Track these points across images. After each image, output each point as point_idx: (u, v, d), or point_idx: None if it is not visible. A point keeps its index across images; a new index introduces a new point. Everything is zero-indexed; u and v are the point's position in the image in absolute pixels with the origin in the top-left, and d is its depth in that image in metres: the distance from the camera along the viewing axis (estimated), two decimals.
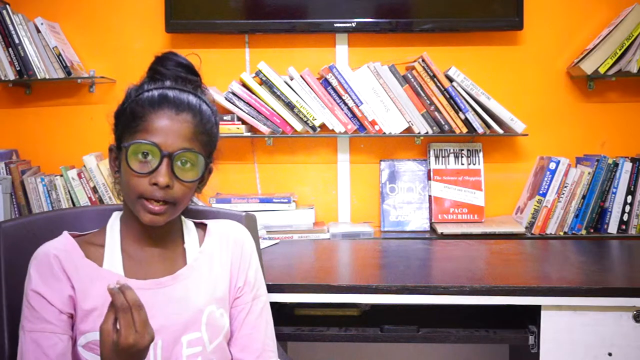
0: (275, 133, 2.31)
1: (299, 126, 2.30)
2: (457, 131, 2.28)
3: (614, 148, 2.40)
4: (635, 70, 2.24)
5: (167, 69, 1.17)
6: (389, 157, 2.45)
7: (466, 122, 2.27)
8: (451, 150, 2.41)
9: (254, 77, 2.33)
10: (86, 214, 1.39)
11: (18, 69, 2.27)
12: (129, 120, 1.13)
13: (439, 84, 2.27)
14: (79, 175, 2.28)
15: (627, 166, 2.25)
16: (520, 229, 2.25)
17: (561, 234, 2.27)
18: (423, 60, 2.29)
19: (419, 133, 2.31)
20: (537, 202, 2.27)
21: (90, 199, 2.28)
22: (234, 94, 2.31)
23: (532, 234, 2.26)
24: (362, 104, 2.30)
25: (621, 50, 2.24)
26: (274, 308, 1.34)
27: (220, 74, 2.40)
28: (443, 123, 2.28)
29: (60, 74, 2.29)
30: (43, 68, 2.26)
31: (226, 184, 2.46)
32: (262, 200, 2.29)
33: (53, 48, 2.27)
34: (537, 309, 1.56)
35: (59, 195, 2.28)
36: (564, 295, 1.53)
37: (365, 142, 2.47)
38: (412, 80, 2.30)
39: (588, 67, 2.26)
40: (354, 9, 2.34)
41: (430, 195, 2.39)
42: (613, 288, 1.54)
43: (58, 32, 2.38)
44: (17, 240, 1.26)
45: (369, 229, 2.30)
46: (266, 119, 2.30)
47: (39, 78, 2.27)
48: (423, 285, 1.57)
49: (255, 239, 1.33)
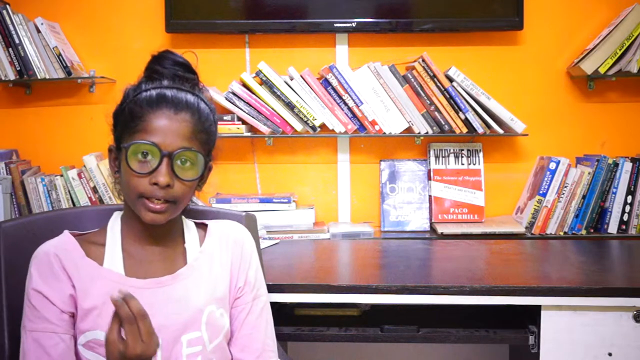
0: (275, 133, 2.31)
1: (299, 126, 2.30)
2: (457, 131, 2.28)
3: (614, 148, 2.40)
4: (635, 70, 2.24)
5: (165, 68, 1.17)
6: (389, 157, 2.45)
7: (466, 122, 2.27)
8: (451, 150, 2.41)
9: (254, 77, 2.33)
10: (86, 214, 1.39)
11: (18, 69, 2.27)
12: (127, 121, 1.13)
13: (439, 84, 2.27)
14: (79, 175, 2.28)
15: (627, 166, 2.25)
16: (520, 229, 2.25)
17: (561, 234, 2.27)
18: (423, 60, 2.29)
19: (419, 133, 2.31)
20: (537, 202, 2.27)
21: (90, 199, 2.28)
22: (234, 94, 2.31)
23: (532, 234, 2.26)
24: (362, 104, 2.30)
25: (621, 50, 2.24)
26: (274, 308, 1.34)
27: (220, 74, 2.40)
28: (443, 123, 2.29)
29: (60, 74, 2.29)
30: (43, 68, 2.26)
31: (226, 184, 2.46)
32: (262, 200, 2.29)
33: (53, 48, 2.27)
34: (537, 309, 1.56)
35: (59, 195, 2.28)
36: (564, 295, 1.53)
37: (365, 142, 2.47)
38: (412, 80, 2.30)
39: (588, 67, 2.26)
40: (354, 9, 2.34)
41: (430, 195, 2.40)
42: (613, 288, 1.54)
43: (58, 32, 2.38)
44: (17, 240, 1.26)
45: (369, 229, 2.30)
46: (266, 119, 2.30)
47: (39, 78, 2.27)
48: (423, 285, 1.57)
49: (255, 239, 1.33)
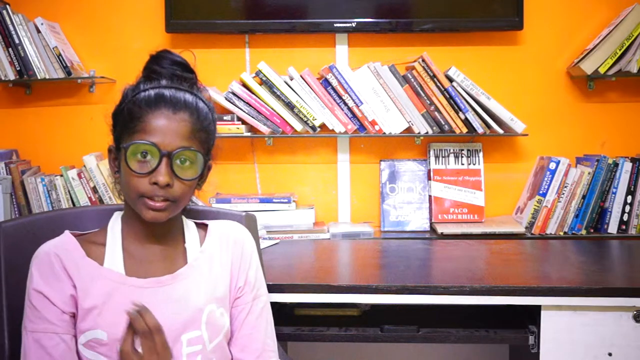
0: (275, 133, 2.31)
1: (299, 126, 2.30)
2: (457, 131, 2.28)
3: (614, 148, 2.40)
4: (635, 70, 2.24)
5: (163, 68, 1.17)
6: (389, 157, 2.45)
7: (466, 122, 2.27)
8: (451, 150, 2.41)
9: (254, 77, 2.33)
10: (86, 214, 1.39)
11: (18, 69, 2.27)
12: (126, 121, 1.13)
13: (439, 84, 2.27)
14: (79, 175, 2.28)
15: (627, 166, 2.25)
16: (520, 229, 2.25)
17: (561, 234, 2.27)
18: (423, 60, 2.29)
19: (419, 133, 2.31)
20: (537, 202, 2.27)
21: (90, 199, 2.28)
22: (234, 94, 2.31)
23: (532, 234, 2.26)
24: (362, 104, 2.30)
25: (621, 50, 2.24)
26: (274, 308, 1.34)
27: (220, 74, 2.40)
28: (443, 123, 2.28)
29: (60, 74, 2.29)
30: (43, 68, 2.26)
31: (226, 184, 2.46)
32: (262, 200, 2.29)
33: (53, 48, 2.27)
34: (537, 309, 1.56)
35: (59, 195, 2.28)
36: (564, 295, 1.53)
37: (365, 142, 2.47)
38: (412, 80, 2.30)
39: (588, 67, 2.26)
40: (354, 9, 2.34)
41: (430, 195, 2.40)
42: (613, 288, 1.54)
43: (58, 32, 2.38)
44: (17, 240, 1.26)
45: (369, 229, 2.30)
46: (266, 119, 2.30)
47: (39, 78, 2.27)
48: (423, 285, 1.57)
49: (255, 239, 1.33)
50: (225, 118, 2.30)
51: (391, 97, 2.31)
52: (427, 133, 2.31)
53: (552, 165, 2.26)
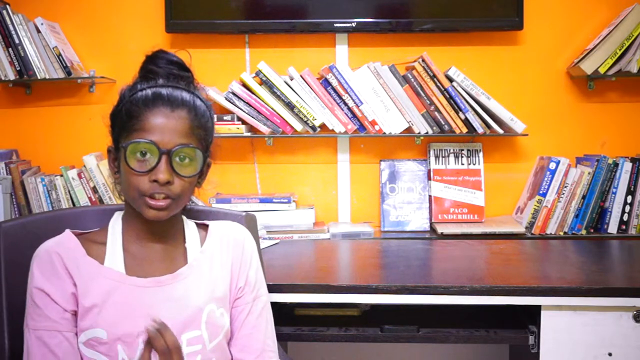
0: (275, 133, 2.31)
1: (299, 126, 2.30)
2: (457, 131, 2.28)
3: (614, 148, 2.40)
4: (635, 70, 2.24)
5: (159, 67, 1.17)
6: (389, 157, 2.45)
7: (466, 122, 2.27)
8: (451, 150, 2.41)
9: (254, 77, 2.33)
10: (86, 214, 1.39)
11: (18, 69, 2.27)
12: (124, 121, 1.13)
13: (439, 84, 2.27)
14: (79, 175, 2.28)
15: (627, 166, 2.25)
16: (520, 229, 2.25)
17: (561, 234, 2.27)
18: (423, 60, 2.29)
19: (419, 133, 2.31)
20: (537, 202, 2.27)
21: (90, 199, 2.28)
22: (234, 94, 2.31)
23: (532, 234, 2.26)
24: (362, 104, 2.30)
25: (621, 50, 2.24)
26: (274, 308, 1.34)
27: (220, 74, 2.40)
28: (443, 123, 2.28)
29: (60, 74, 2.29)
30: (43, 68, 2.26)
31: (226, 184, 2.46)
32: (262, 200, 2.29)
33: (53, 48, 2.27)
34: (537, 309, 1.56)
35: (59, 195, 2.28)
36: (564, 295, 1.53)
37: (365, 142, 2.47)
38: (412, 80, 2.30)
39: (588, 67, 2.26)
40: (354, 9, 2.34)
41: (430, 195, 2.40)
42: (613, 288, 1.54)
43: (58, 32, 2.38)
44: (17, 240, 1.26)
45: (369, 229, 2.30)
46: (266, 119, 2.30)
47: (39, 78, 2.27)
48: (423, 285, 1.57)
49: (255, 239, 1.33)
50: (225, 118, 2.30)
51: (391, 97, 2.31)
52: (427, 133, 2.31)
53: (552, 165, 2.26)
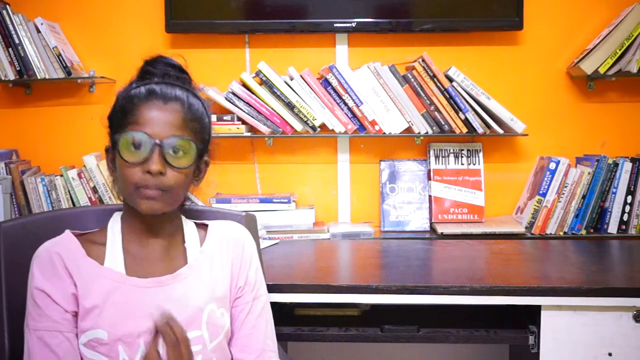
0: (275, 133, 2.31)
1: (299, 126, 2.30)
2: (457, 131, 2.28)
3: (614, 148, 2.40)
4: (635, 70, 2.24)
5: (156, 69, 1.19)
6: (389, 157, 2.45)
7: (466, 122, 2.27)
8: (451, 150, 2.41)
9: (254, 77, 2.33)
10: (86, 214, 1.39)
11: (18, 69, 2.27)
12: (120, 118, 1.15)
13: (439, 84, 2.27)
14: (79, 175, 2.28)
15: (627, 166, 2.25)
16: (520, 229, 2.25)
17: (561, 234, 2.27)
18: (423, 60, 2.29)
19: (419, 133, 2.31)
20: (537, 202, 2.27)
21: (90, 199, 2.28)
22: (234, 94, 2.31)
23: (532, 234, 2.26)
24: (362, 104, 2.30)
25: (621, 50, 2.24)
26: (274, 308, 1.34)
27: (220, 74, 2.40)
28: (443, 123, 2.28)
29: (60, 74, 2.29)
30: (43, 68, 2.26)
31: (226, 184, 2.46)
32: (262, 200, 2.29)
33: (53, 48, 2.27)
34: (537, 309, 1.56)
35: (59, 195, 2.28)
36: (564, 295, 1.53)
37: (365, 142, 2.47)
38: (412, 80, 2.30)
39: (588, 67, 2.26)
40: (354, 9, 2.34)
41: (430, 195, 2.39)
42: (613, 288, 1.54)
43: (58, 32, 2.38)
44: (17, 240, 1.26)
45: (369, 229, 2.30)
46: (266, 119, 2.30)
47: (39, 78, 2.27)
48: (423, 285, 1.57)
49: (255, 239, 1.33)
50: (225, 118, 2.30)
51: (391, 97, 2.31)
52: (427, 133, 2.31)
53: (552, 165, 2.26)
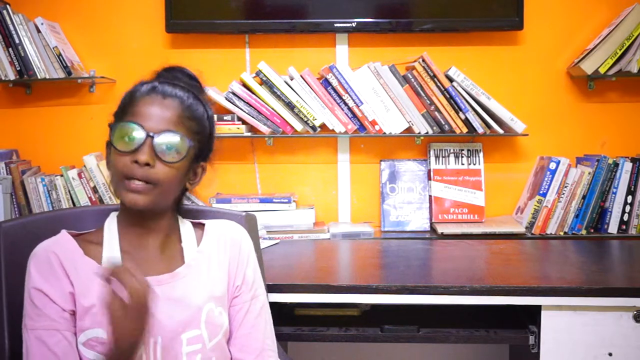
0: (276, 133, 2.31)
1: (299, 126, 2.30)
2: (457, 131, 2.28)
3: (614, 148, 2.40)
4: (635, 70, 2.24)
5: (168, 72, 1.22)
6: (389, 157, 2.45)
7: (466, 122, 2.27)
8: (451, 150, 2.41)
9: (254, 77, 2.33)
10: (86, 214, 1.39)
11: (18, 69, 2.27)
12: (120, 112, 1.17)
13: (439, 84, 2.27)
14: (79, 175, 2.28)
15: (627, 166, 2.25)
16: (520, 229, 2.25)
17: (561, 234, 2.27)
18: (423, 60, 2.29)
19: (419, 133, 2.31)
20: (537, 202, 2.27)
21: (90, 199, 2.28)
22: (234, 94, 2.31)
23: (532, 234, 2.26)
24: (362, 104, 2.30)
25: (621, 50, 2.24)
26: (274, 308, 1.34)
27: (220, 74, 2.40)
28: (443, 123, 2.28)
29: (61, 74, 2.29)
30: (43, 68, 2.26)
31: (226, 184, 2.46)
32: (262, 200, 2.29)
33: (53, 48, 2.27)
34: (537, 309, 1.56)
35: (59, 195, 2.28)
36: (564, 295, 1.53)
37: (365, 142, 2.47)
38: (412, 80, 2.30)
39: (588, 67, 2.26)
40: (354, 9, 2.34)
41: (430, 195, 2.39)
42: (613, 288, 1.54)
43: (58, 32, 2.38)
44: (17, 240, 1.26)
45: (369, 229, 2.30)
46: (266, 119, 2.30)
47: (39, 78, 2.27)
48: (423, 285, 1.57)
49: (255, 239, 1.33)
50: (225, 118, 2.30)
51: (391, 97, 2.31)
52: (427, 133, 2.31)
53: (552, 165, 2.25)
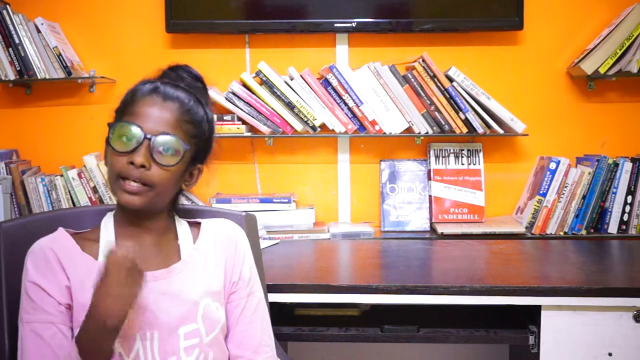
0: (276, 133, 2.31)
1: (299, 126, 2.30)
2: (457, 131, 2.28)
3: (614, 148, 2.40)
4: (635, 70, 2.24)
5: (173, 72, 1.22)
6: (389, 157, 2.45)
7: (466, 122, 2.27)
8: (451, 150, 2.41)
9: (254, 77, 2.33)
10: (86, 214, 1.39)
11: (18, 69, 2.27)
12: (120, 110, 1.17)
13: (439, 84, 2.27)
14: (79, 175, 2.28)
15: (627, 166, 2.25)
16: (520, 229, 2.25)
17: (561, 234, 2.27)
18: (423, 60, 2.29)
19: (419, 133, 2.31)
20: (537, 202, 2.27)
21: (90, 199, 2.28)
22: (234, 94, 2.31)
23: (532, 234, 2.26)
24: (362, 104, 2.30)
25: (621, 50, 2.24)
26: (274, 308, 1.34)
27: (220, 74, 2.40)
28: (443, 123, 2.28)
29: (61, 74, 2.29)
30: (43, 68, 2.26)
31: (226, 184, 2.46)
32: (262, 200, 2.29)
33: (53, 48, 2.27)
34: (537, 309, 1.56)
35: (59, 195, 2.28)
36: (564, 295, 1.53)
37: (365, 142, 2.47)
38: (412, 80, 2.30)
39: (588, 67, 2.26)
40: (354, 9, 2.34)
41: (430, 195, 2.39)
42: (613, 288, 1.54)
43: (58, 32, 2.38)
44: (17, 240, 1.26)
45: (369, 229, 2.30)
46: (266, 119, 2.30)
47: (39, 78, 2.27)
48: (423, 285, 1.57)
49: (255, 239, 1.33)
50: (225, 118, 2.30)
51: (391, 97, 2.31)
52: (427, 133, 2.31)
53: (552, 165, 2.26)
